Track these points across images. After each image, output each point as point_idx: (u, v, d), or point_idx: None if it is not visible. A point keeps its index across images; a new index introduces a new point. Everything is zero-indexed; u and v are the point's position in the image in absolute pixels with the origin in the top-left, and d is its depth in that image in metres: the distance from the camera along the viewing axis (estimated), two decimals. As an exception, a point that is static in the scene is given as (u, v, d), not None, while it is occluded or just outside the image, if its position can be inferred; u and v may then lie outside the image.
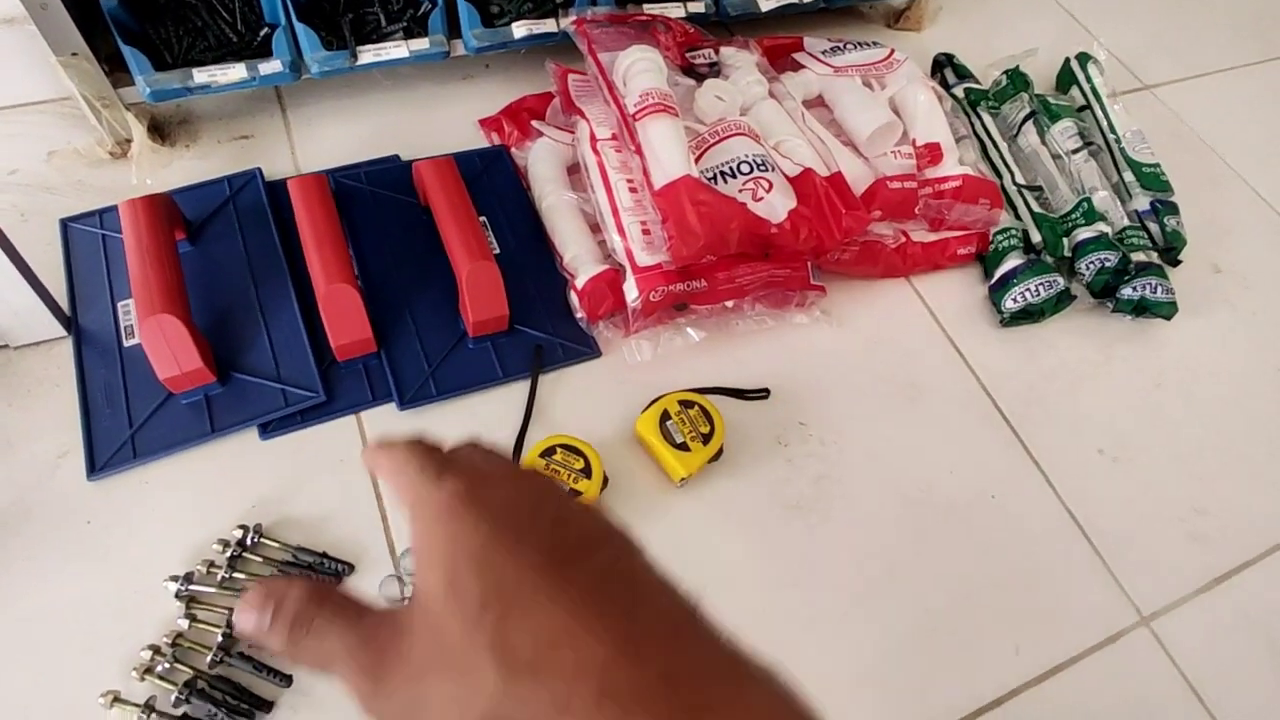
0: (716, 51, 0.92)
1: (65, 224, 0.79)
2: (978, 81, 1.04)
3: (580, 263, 0.78)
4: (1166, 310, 0.88)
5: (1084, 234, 0.89)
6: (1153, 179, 0.96)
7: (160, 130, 0.88)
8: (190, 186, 0.83)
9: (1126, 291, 0.87)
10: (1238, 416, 0.88)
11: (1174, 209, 0.95)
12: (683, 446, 0.70)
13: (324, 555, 0.65)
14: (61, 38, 0.74)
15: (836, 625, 0.69)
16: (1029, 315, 0.87)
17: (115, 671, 0.59)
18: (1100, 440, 0.84)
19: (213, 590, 0.63)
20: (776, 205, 0.76)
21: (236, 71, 0.81)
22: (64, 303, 0.75)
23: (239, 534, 0.65)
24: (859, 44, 0.98)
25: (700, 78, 0.88)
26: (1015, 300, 0.86)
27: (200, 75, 0.80)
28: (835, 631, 0.68)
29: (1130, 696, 0.70)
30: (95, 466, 0.67)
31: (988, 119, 0.99)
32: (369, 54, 0.85)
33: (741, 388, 0.78)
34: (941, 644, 0.69)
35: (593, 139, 0.81)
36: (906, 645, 0.69)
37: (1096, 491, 0.80)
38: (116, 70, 0.81)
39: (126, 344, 0.73)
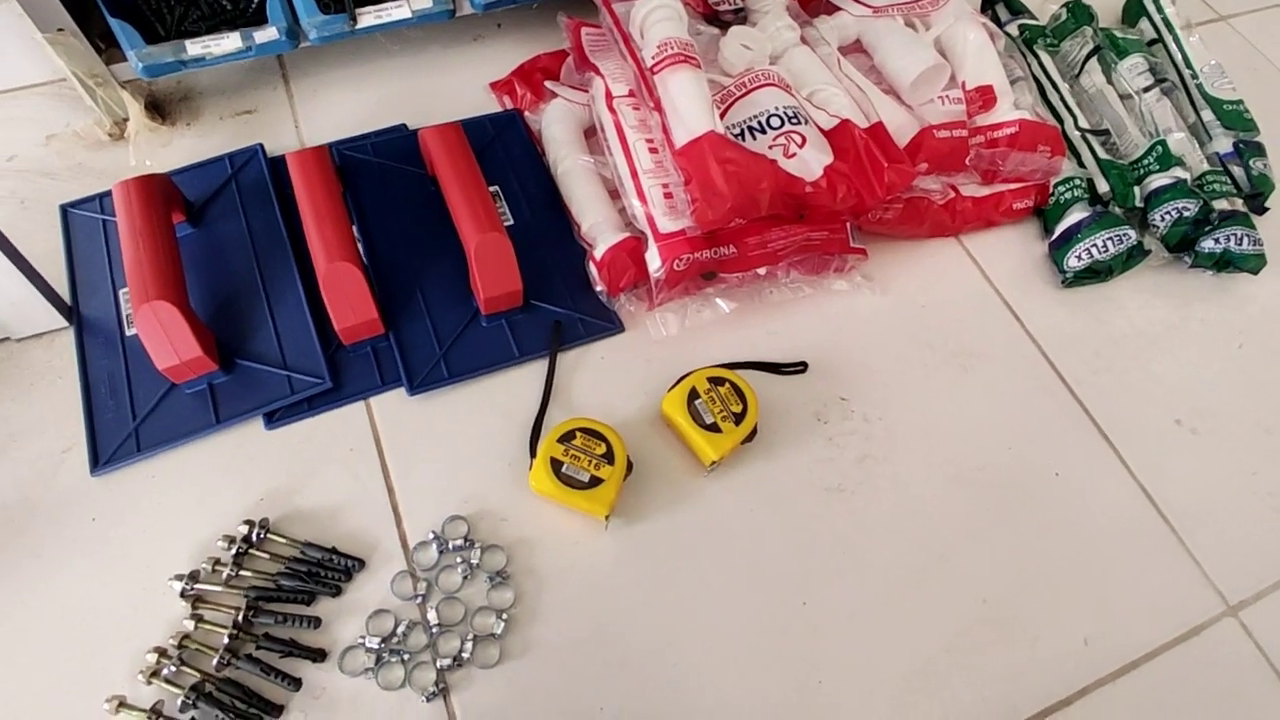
0: (742, -4, 0.84)
1: (65, 210, 0.77)
2: (1034, 17, 0.95)
3: (599, 231, 0.73)
4: (1254, 264, 0.79)
5: (1158, 181, 0.80)
6: (1235, 117, 0.86)
7: (160, 109, 0.84)
8: (190, 166, 0.79)
9: (1208, 244, 0.79)
10: (1334, 380, 0.79)
11: (1260, 150, 0.85)
12: (713, 427, 0.65)
13: (333, 551, 0.61)
14: (46, 13, 0.71)
15: (884, 617, 0.63)
16: (1095, 274, 0.79)
17: (121, 675, 0.57)
18: (1177, 410, 0.76)
19: (219, 589, 0.60)
20: (811, 161, 0.69)
21: (231, 41, 0.77)
22: (65, 292, 0.72)
23: (245, 530, 0.61)
24: (900, -20, 0.89)
25: (725, 25, 0.81)
26: (1079, 258, 0.78)
27: (194, 47, 0.76)
28: (883, 624, 0.63)
29: (1216, 694, 0.63)
30: (99, 461, 0.65)
31: (1046, 58, 0.90)
32: (369, 16, 0.80)
33: (776, 362, 0.72)
34: (1001, 637, 0.63)
35: (608, 96, 0.74)
36: (962, 639, 0.63)
37: (1174, 467, 0.72)
38: (111, 47, 0.77)
39: (129, 333, 0.70)
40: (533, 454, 0.65)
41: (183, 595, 0.59)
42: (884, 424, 0.71)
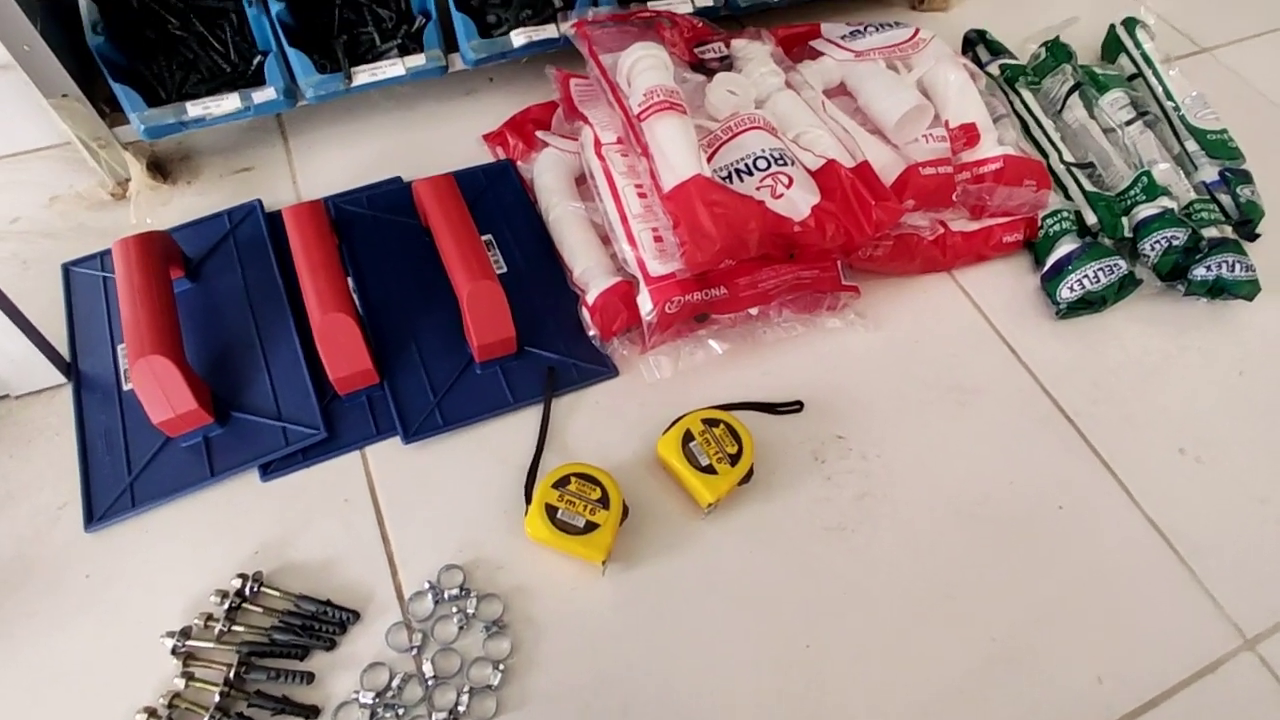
0: (727, 45, 0.86)
1: (67, 268, 0.78)
2: (1014, 56, 0.97)
3: (591, 276, 0.73)
4: (1247, 290, 0.79)
5: (1146, 211, 0.81)
6: (1220, 146, 0.87)
7: (162, 168, 0.86)
8: (190, 223, 0.81)
9: (1200, 271, 0.79)
10: (1339, 404, 0.78)
11: (1247, 177, 0.86)
12: (709, 469, 0.64)
13: (328, 603, 0.61)
14: (50, 79, 0.73)
15: (890, 658, 0.61)
16: (1089, 304, 0.79)
17: (111, 737, 0.56)
18: (1180, 439, 0.75)
19: (210, 646, 0.59)
20: (798, 201, 0.70)
21: (230, 102, 0.79)
22: (65, 348, 0.73)
23: (238, 584, 0.61)
24: (881, 25, 0.91)
25: (710, 73, 0.82)
26: (1072, 289, 0.78)
27: (194, 108, 0.78)
28: (888, 665, 0.61)
29: (1238, 732, 0.61)
30: (93, 517, 0.64)
31: (1028, 95, 0.91)
32: (364, 74, 0.82)
33: (772, 401, 0.72)
34: (1010, 676, 0.61)
35: (597, 144, 0.76)
36: (970, 678, 0.61)
37: (1181, 496, 0.71)
38: (115, 110, 0.79)
39: (125, 388, 0.71)
40: (528, 500, 0.65)
41: (174, 652, 0.58)
42: (882, 461, 0.71)
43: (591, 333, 0.73)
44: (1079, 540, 0.68)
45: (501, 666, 0.59)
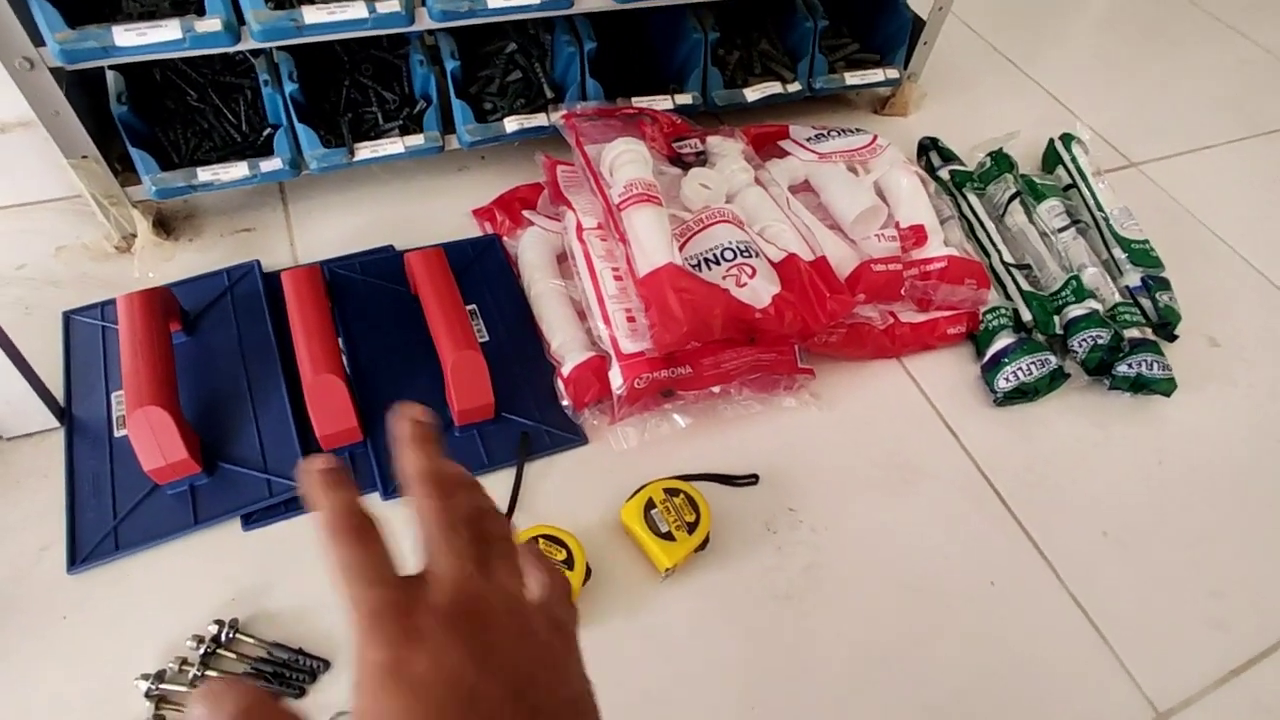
0: (703, 141, 0.94)
1: (68, 316, 0.82)
2: (963, 163, 1.06)
3: (567, 350, 0.79)
4: (1164, 386, 0.86)
5: (1075, 311, 0.89)
6: (1142, 255, 0.96)
7: (165, 224, 0.91)
8: (190, 279, 0.85)
9: (1122, 368, 0.86)
10: (1245, 494, 0.85)
11: (1166, 284, 0.95)
12: (668, 536, 0.69)
13: (300, 651, 0.64)
14: (73, 142, 0.78)
15: (830, 724, 0.66)
16: (1023, 394, 0.86)
17: (79, 778, 0.57)
18: (1104, 523, 0.81)
19: (183, 689, 0.61)
20: (760, 290, 0.77)
21: (238, 169, 0.85)
22: (60, 393, 0.76)
23: (214, 629, 0.63)
24: (843, 131, 1.01)
25: (687, 166, 0.90)
26: (1008, 379, 0.85)
27: (204, 174, 0.84)
28: (829, 731, 0.65)
29: (1148, 803, 0.66)
30: (76, 559, 0.67)
31: (974, 199, 1.00)
32: (366, 150, 0.89)
33: (729, 474, 0.77)
34: (943, 745, 0.66)
35: (579, 228, 0.82)
36: (905, 746, 0.65)
37: (1103, 577, 0.77)
38: (125, 169, 0.84)
39: (117, 434, 0.74)
40: (497, 558, 0.68)
41: (147, 695, 0.61)
42: (830, 534, 0.76)
43: (565, 402, 0.78)
44: (1009, 615, 0.73)
45: (463, 719, 0.62)
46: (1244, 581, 0.78)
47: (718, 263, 0.79)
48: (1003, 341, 0.87)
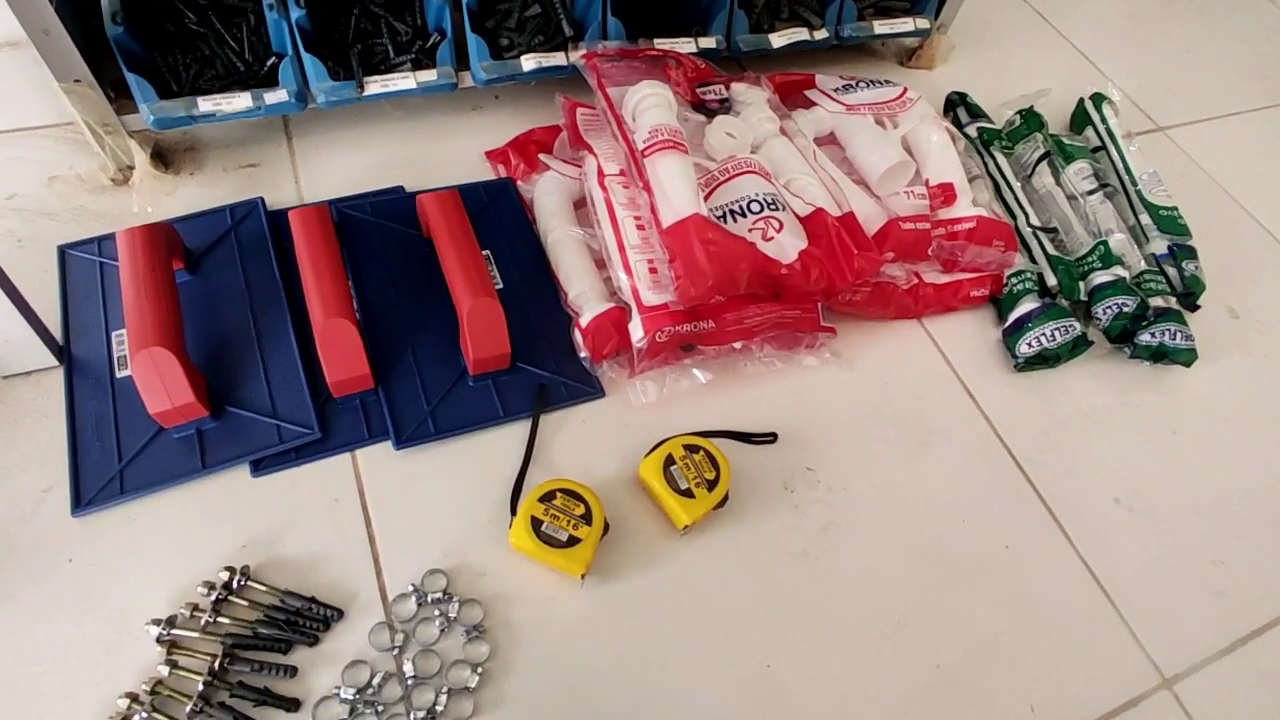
0: (728, 88, 0.91)
1: (63, 251, 0.78)
2: (991, 121, 1.03)
3: (585, 300, 0.77)
4: (1185, 357, 0.86)
5: (1101, 278, 0.87)
6: (1170, 222, 0.94)
7: (164, 157, 0.87)
8: (192, 215, 0.82)
9: (1145, 337, 0.85)
10: (1256, 466, 0.85)
11: (1192, 253, 0.93)
12: (687, 493, 0.68)
13: (313, 600, 0.63)
14: (64, 64, 0.73)
15: (845, 681, 0.66)
16: (1044, 360, 0.85)
17: (91, 719, 0.57)
18: (1117, 489, 0.81)
19: (195, 635, 0.60)
20: (787, 245, 0.74)
21: (241, 100, 0.80)
22: (57, 331, 0.73)
23: (225, 576, 0.62)
24: (871, 82, 0.97)
25: (711, 114, 0.87)
26: (1030, 345, 0.84)
27: (205, 104, 0.80)
28: (843, 687, 0.65)
29: (1152, 765, 0.67)
30: (80, 502, 0.65)
31: (1001, 159, 0.98)
32: (376, 85, 0.84)
33: (748, 431, 0.76)
34: (953, 702, 0.66)
35: (600, 174, 0.79)
36: (916, 702, 0.66)
37: (1114, 543, 0.77)
38: (121, 96, 0.80)
39: (119, 375, 0.71)
40: (513, 512, 0.67)
41: (158, 640, 0.60)
42: (847, 494, 0.75)
43: (582, 354, 0.76)
44: (1021, 578, 0.74)
45: (480, 669, 0.61)
46: (1248, 553, 0.79)
47: (744, 215, 0.76)
48: (1027, 306, 0.85)
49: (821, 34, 1.02)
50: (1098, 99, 1.07)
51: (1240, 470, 0.84)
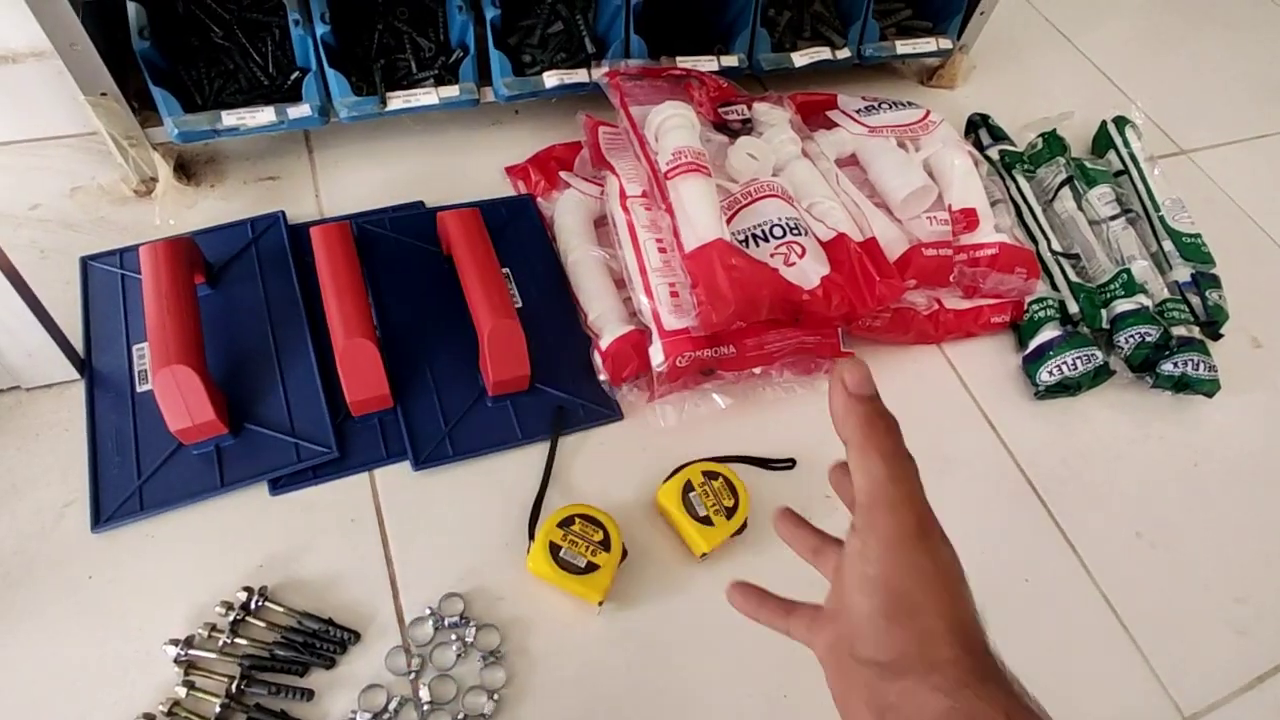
0: (749, 107, 0.90)
1: (85, 262, 0.78)
2: (1013, 143, 1.03)
3: (605, 322, 0.76)
4: (1209, 388, 0.85)
5: (1123, 306, 0.87)
6: (1194, 250, 0.93)
7: (186, 169, 0.87)
8: (213, 228, 0.82)
9: (1167, 367, 0.85)
10: (1278, 501, 0.84)
11: (1215, 281, 0.93)
12: (705, 520, 0.68)
13: (329, 622, 0.62)
14: (91, 77, 0.73)
15: (861, 716, 0.65)
16: (1065, 388, 0.84)
17: (107, 742, 0.57)
18: (1138, 523, 0.80)
19: (213, 656, 0.60)
20: (809, 271, 0.74)
21: (265, 115, 0.80)
22: (79, 343, 0.73)
23: (243, 596, 0.62)
24: (894, 103, 0.96)
25: (733, 134, 0.86)
26: (1051, 373, 0.83)
27: (229, 118, 0.80)
28: (860, 723, 0.65)
29: (1171, 805, 0.66)
30: (100, 518, 0.65)
31: (1023, 182, 0.97)
32: (399, 100, 0.84)
33: (767, 457, 0.76)
34: (971, 740, 0.65)
35: (622, 195, 0.79)
36: (934, 740, 0.65)
37: (1135, 578, 0.76)
38: (144, 108, 0.80)
39: (139, 389, 0.71)
40: (531, 536, 0.67)
41: (176, 661, 0.60)
42: (866, 522, 0.74)
43: (601, 376, 0.76)
44: (1041, 613, 0.73)
45: (496, 696, 0.61)
46: (1269, 590, 0.78)
47: (766, 239, 0.76)
48: (1048, 334, 0.85)
49: (844, 53, 1.01)
50: (1120, 122, 1.06)
51: (1263, 504, 0.84)
